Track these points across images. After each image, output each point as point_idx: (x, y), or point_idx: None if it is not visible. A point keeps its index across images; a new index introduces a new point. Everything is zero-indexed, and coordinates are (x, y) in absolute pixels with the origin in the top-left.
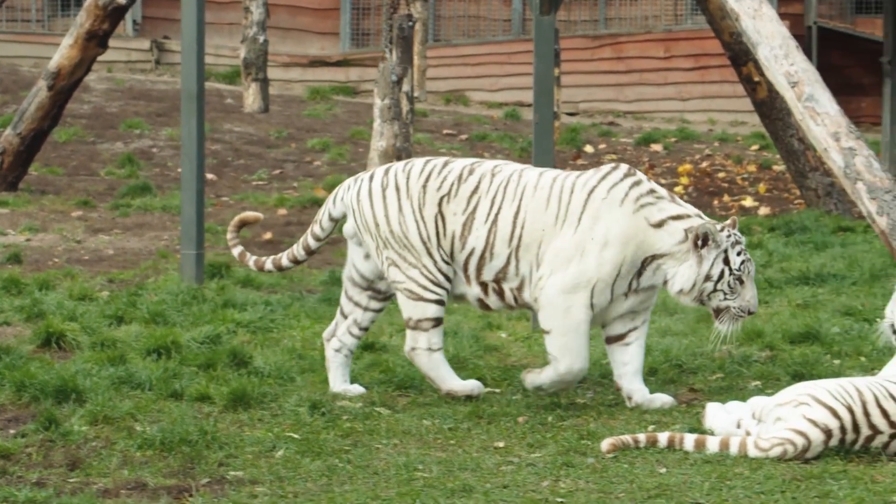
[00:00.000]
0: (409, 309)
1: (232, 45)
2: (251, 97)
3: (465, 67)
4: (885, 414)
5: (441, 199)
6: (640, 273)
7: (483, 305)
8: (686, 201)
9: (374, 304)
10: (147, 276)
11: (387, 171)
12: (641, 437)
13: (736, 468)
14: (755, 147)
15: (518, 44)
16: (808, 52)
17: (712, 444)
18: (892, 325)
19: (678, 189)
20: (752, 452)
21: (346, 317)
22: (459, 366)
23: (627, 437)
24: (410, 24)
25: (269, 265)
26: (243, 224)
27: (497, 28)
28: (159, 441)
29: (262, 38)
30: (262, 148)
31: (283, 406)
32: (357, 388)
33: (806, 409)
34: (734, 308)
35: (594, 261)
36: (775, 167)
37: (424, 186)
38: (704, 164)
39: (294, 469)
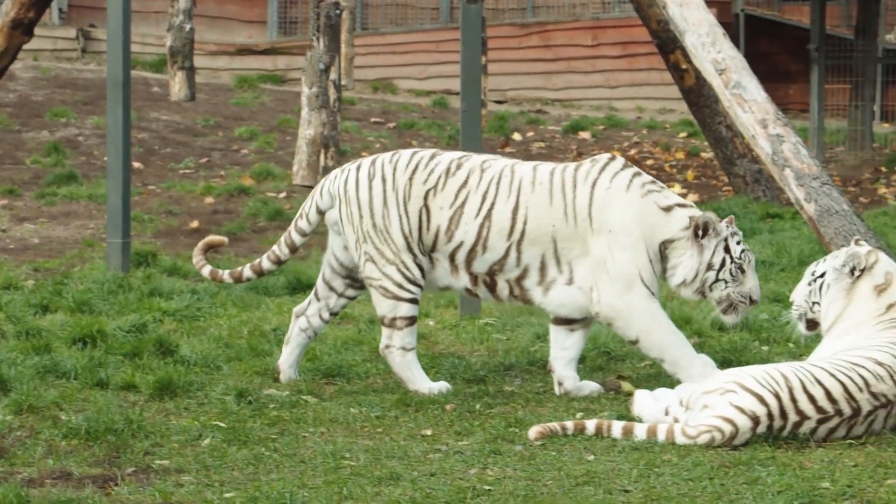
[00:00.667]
0: (384, 307)
1: (158, 33)
2: (177, 85)
3: (392, 56)
4: (812, 399)
5: (427, 192)
6: (662, 259)
7: (471, 295)
8: None
9: (350, 292)
10: (73, 265)
11: (374, 162)
12: (569, 424)
13: (664, 455)
14: (683, 134)
15: (446, 32)
16: (735, 40)
17: (640, 432)
18: (801, 314)
19: None
20: (680, 440)
21: (319, 299)
22: None
23: (555, 425)
24: (338, 12)
25: (248, 273)
26: (209, 247)
27: (425, 16)
28: (85, 430)
29: (188, 27)
30: (188, 136)
31: (209, 395)
32: (293, 376)
33: (733, 397)
34: (735, 296)
35: (627, 251)
36: (703, 154)
37: (411, 179)
38: (633, 152)
39: (220, 458)
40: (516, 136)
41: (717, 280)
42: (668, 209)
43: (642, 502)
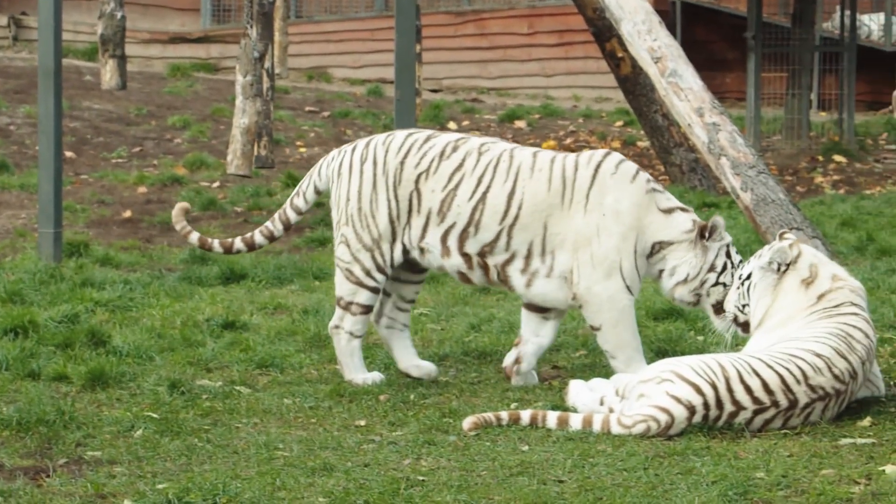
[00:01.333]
0: (344, 289)
1: (91, 21)
2: (108, 74)
3: (327, 44)
4: (748, 390)
5: (419, 175)
6: (648, 258)
7: (464, 278)
8: None
9: (415, 277)
10: (4, 255)
11: (368, 144)
12: (504, 414)
13: (599, 445)
14: (619, 123)
15: (381, 20)
16: (672, 28)
17: (575, 422)
18: (732, 320)
19: None
20: (616, 429)
21: (389, 294)
22: (322, 343)
23: (490, 415)
24: (271, 0)
25: (238, 245)
26: (185, 211)
27: (359, 4)
28: (16, 421)
29: (119, 14)
30: (121, 125)
31: (141, 385)
32: (430, 366)
33: (669, 386)
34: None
35: (614, 237)
36: (640, 143)
37: (402, 162)
38: (569, 141)
39: (153, 449)
40: (452, 125)
41: (716, 283)
42: (668, 211)
43: (576, 493)
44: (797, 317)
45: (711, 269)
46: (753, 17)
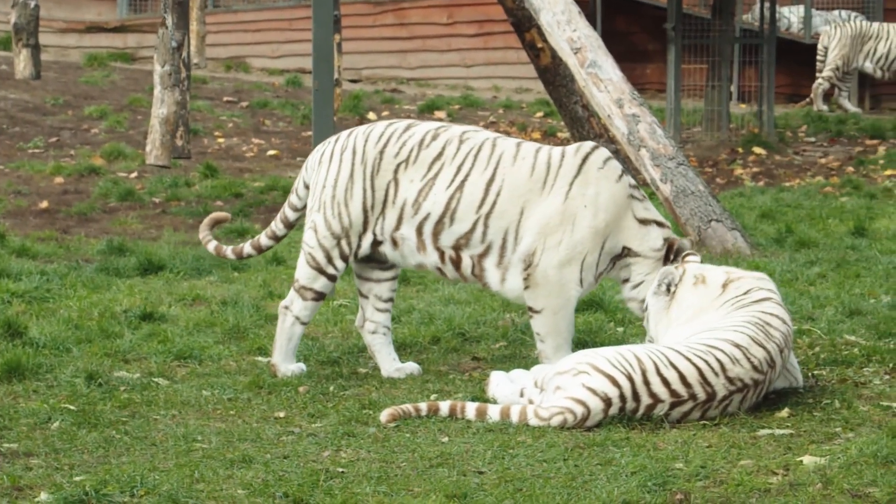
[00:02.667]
0: (303, 273)
1: (4, 10)
2: (22, 63)
3: (245, 34)
4: (665, 383)
5: (398, 165)
6: (614, 260)
7: (441, 273)
8: None
9: (387, 274)
10: None
11: (350, 134)
12: (423, 406)
13: (518, 437)
14: (540, 114)
15: (299, 10)
16: (592, 19)
17: (493, 413)
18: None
19: None
20: (533, 421)
21: (366, 296)
22: (240, 335)
23: (409, 407)
24: None
25: (248, 249)
26: (216, 223)
27: None
28: None
29: (33, 3)
30: (38, 115)
31: (58, 377)
32: (413, 366)
33: (585, 378)
34: None
35: (586, 229)
36: (560, 134)
37: (382, 152)
38: None
39: (70, 441)
40: (371, 116)
41: None
42: (644, 222)
43: (496, 484)
44: (708, 308)
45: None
46: (673, 8)
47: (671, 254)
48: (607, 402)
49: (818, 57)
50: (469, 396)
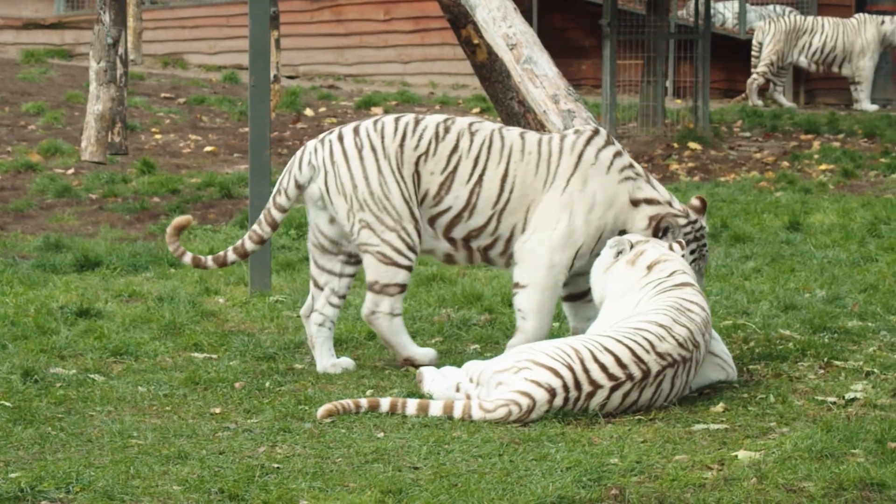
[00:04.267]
0: (379, 273)
1: None
2: None
3: (182, 30)
4: (603, 368)
5: (419, 157)
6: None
7: (449, 260)
8: None
9: (349, 269)
10: None
11: (357, 131)
12: (363, 401)
13: (454, 432)
14: (476, 110)
15: (236, 6)
16: (528, 15)
17: (435, 409)
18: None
19: None
20: (477, 414)
21: (321, 288)
22: (176, 332)
23: (349, 402)
24: None
25: (231, 256)
26: (180, 230)
27: None
28: None
29: None
30: None
31: None
32: (348, 361)
33: (527, 373)
34: None
35: (582, 222)
36: None
37: (401, 146)
38: None
39: (5, 437)
40: (308, 112)
41: None
42: (636, 203)
43: (431, 479)
44: (632, 290)
45: None
46: (609, 4)
47: (659, 230)
48: (552, 392)
49: (753, 52)
50: (405, 392)
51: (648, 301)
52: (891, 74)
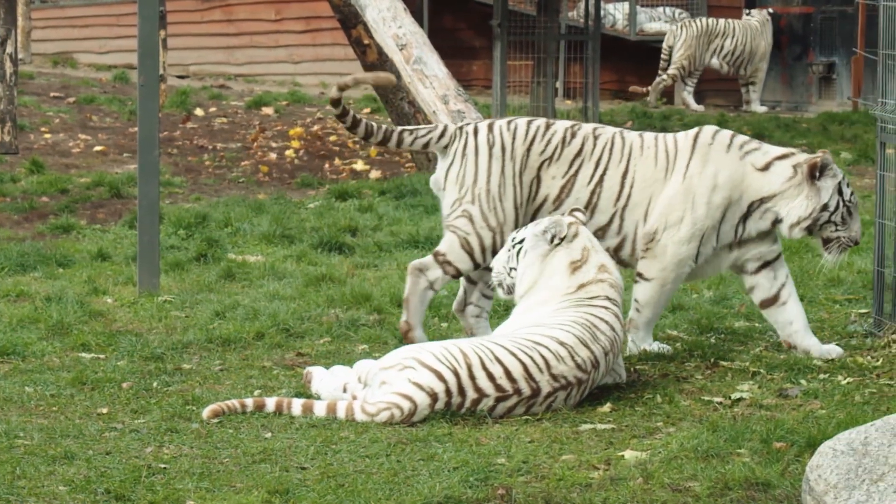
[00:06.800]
0: (453, 252)
1: None
2: None
3: (72, 29)
4: (490, 377)
5: (543, 162)
6: (745, 218)
7: None
8: (297, 165)
9: None
10: None
11: (491, 129)
12: (249, 401)
13: (342, 432)
14: (367, 110)
15: (126, 6)
16: (419, 16)
17: (319, 409)
18: (499, 281)
19: (289, 153)
20: (360, 417)
21: (475, 283)
22: (64, 331)
23: (235, 402)
24: None
25: None
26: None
27: None
28: None
29: None
30: None
31: None
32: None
33: (411, 373)
34: (844, 238)
35: (704, 207)
36: None
37: (529, 149)
38: (316, 128)
39: None
40: (199, 112)
41: (828, 221)
42: (766, 167)
43: (319, 479)
44: (554, 300)
45: (824, 208)
46: (499, 5)
47: (815, 172)
48: (433, 396)
49: (663, 56)
50: (293, 392)
51: (558, 314)
52: (780, 76)
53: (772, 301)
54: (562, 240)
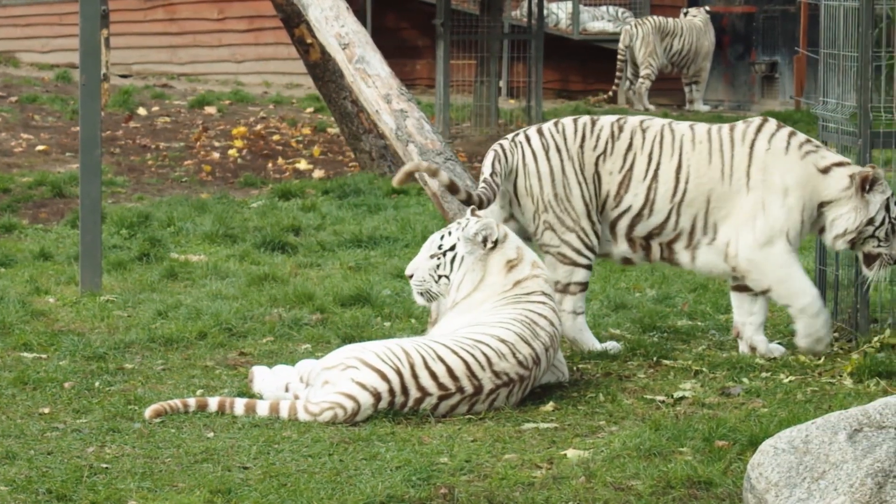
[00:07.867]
0: (560, 273)
1: None
2: None
3: (14, 28)
4: (433, 376)
5: (598, 158)
6: (817, 219)
7: (626, 262)
8: (241, 164)
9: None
10: None
11: (541, 133)
12: (192, 401)
13: (284, 432)
14: (310, 110)
15: (69, 5)
16: (362, 15)
17: (262, 409)
18: (423, 289)
19: (232, 152)
20: (303, 416)
21: None
22: (5, 331)
23: (177, 402)
24: None
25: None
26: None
27: None
28: None
29: None
30: None
31: None
32: (613, 344)
33: (354, 373)
34: (886, 255)
35: (780, 210)
36: (330, 130)
37: (581, 146)
38: (259, 127)
39: None
40: (141, 111)
41: (872, 236)
42: (826, 170)
43: (261, 479)
44: (491, 299)
45: (870, 222)
46: (443, 4)
47: (866, 185)
48: (377, 396)
49: (619, 56)
50: (236, 392)
51: (497, 311)
52: (723, 75)
53: (746, 287)
54: (495, 242)
